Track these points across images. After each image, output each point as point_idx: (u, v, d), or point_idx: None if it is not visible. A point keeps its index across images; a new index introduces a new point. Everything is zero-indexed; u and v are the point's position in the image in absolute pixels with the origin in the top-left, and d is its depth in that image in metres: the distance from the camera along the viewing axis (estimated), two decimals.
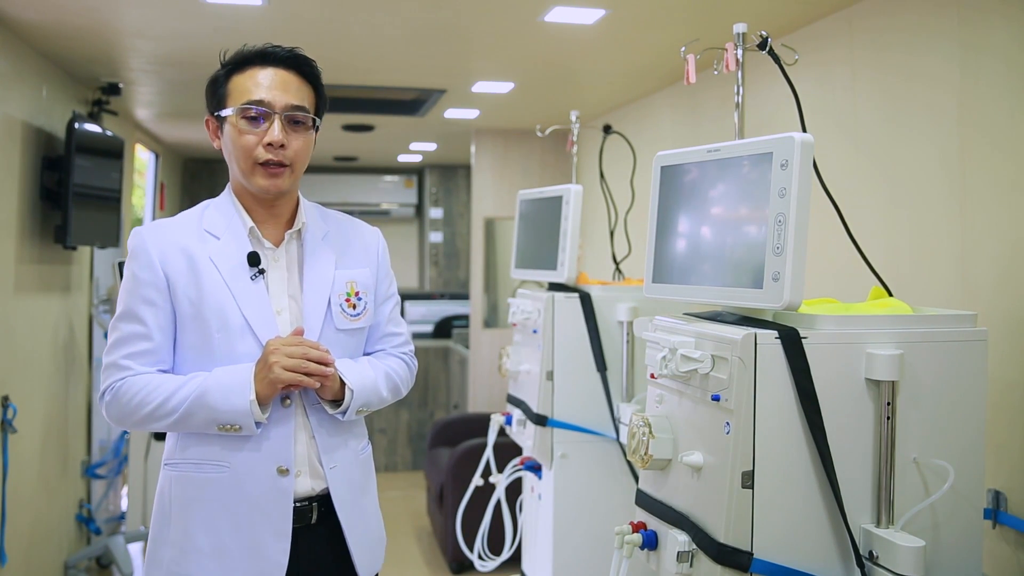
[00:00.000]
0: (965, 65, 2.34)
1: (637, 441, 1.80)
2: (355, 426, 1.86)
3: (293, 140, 1.74)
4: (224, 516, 1.70)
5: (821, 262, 2.70)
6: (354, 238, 1.90)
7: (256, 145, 1.72)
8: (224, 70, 1.78)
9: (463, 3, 2.96)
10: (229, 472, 1.70)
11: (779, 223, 1.56)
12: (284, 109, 1.73)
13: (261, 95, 1.72)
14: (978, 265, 2.29)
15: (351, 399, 1.75)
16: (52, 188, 3.65)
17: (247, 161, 1.73)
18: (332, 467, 1.77)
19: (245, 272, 1.74)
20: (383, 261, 1.94)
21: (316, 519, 1.76)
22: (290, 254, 1.81)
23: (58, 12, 3.07)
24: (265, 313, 1.73)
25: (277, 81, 1.74)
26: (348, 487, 1.80)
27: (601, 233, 4.34)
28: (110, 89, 4.27)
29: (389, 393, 1.87)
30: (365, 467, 1.89)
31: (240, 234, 1.77)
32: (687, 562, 1.66)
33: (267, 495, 1.70)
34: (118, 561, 4.02)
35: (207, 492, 1.71)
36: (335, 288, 1.81)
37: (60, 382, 3.96)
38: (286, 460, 1.71)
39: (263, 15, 3.11)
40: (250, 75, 1.74)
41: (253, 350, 1.71)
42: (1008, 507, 2.16)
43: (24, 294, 3.50)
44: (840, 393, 1.60)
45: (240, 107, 1.72)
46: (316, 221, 1.86)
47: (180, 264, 1.72)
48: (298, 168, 1.77)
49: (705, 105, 3.78)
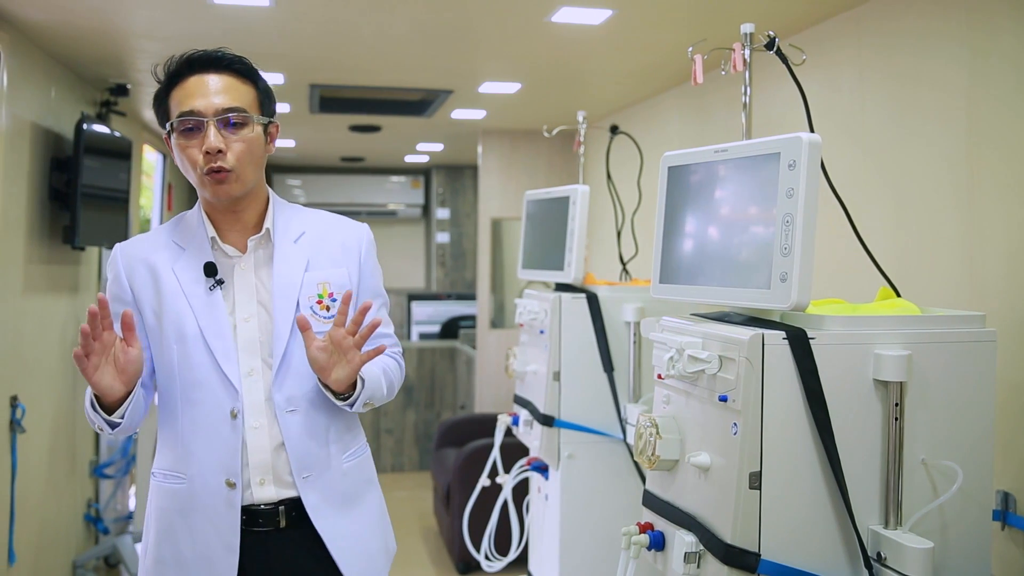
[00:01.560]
0: (973, 67, 2.34)
1: (644, 442, 1.80)
2: (341, 433, 1.82)
3: (233, 143, 1.69)
4: (183, 527, 1.73)
5: (829, 263, 2.69)
6: (333, 237, 1.85)
7: (197, 155, 1.69)
8: (163, 86, 1.75)
9: (470, 4, 2.96)
10: (186, 483, 1.73)
11: (787, 223, 1.56)
12: (216, 114, 1.68)
13: (191, 104, 1.68)
14: (986, 266, 2.28)
15: (361, 389, 1.71)
16: (60, 189, 3.66)
17: (194, 172, 1.70)
18: (305, 476, 1.74)
19: (204, 283, 1.74)
20: (367, 259, 1.87)
21: (287, 523, 1.74)
22: (259, 259, 1.78)
23: (66, 14, 3.09)
24: (221, 324, 1.72)
25: (206, 87, 1.70)
26: (326, 495, 1.76)
27: (608, 233, 4.34)
28: (118, 90, 4.28)
29: (387, 391, 1.83)
30: (353, 475, 1.83)
31: (203, 245, 1.76)
32: (694, 563, 1.66)
33: (216, 507, 1.70)
34: (126, 561, 4.03)
35: (171, 502, 1.74)
36: (304, 291, 1.76)
37: (68, 382, 3.97)
38: (233, 472, 1.70)
39: (271, 16, 3.11)
40: (182, 86, 1.71)
41: (207, 361, 1.71)
42: (1017, 508, 2.15)
43: (32, 294, 3.52)
44: (848, 394, 1.60)
45: (175, 121, 1.70)
46: (288, 223, 1.82)
47: (145, 278, 1.75)
48: (246, 171, 1.71)
49: (712, 105, 3.78)
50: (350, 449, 1.84)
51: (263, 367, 1.74)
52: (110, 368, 1.61)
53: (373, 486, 1.89)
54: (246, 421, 1.72)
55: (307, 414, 1.75)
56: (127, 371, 1.62)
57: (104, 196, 3.94)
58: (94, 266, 4.42)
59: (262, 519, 1.73)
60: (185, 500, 1.73)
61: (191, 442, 1.73)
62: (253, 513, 1.73)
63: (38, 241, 3.56)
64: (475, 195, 7.46)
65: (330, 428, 1.79)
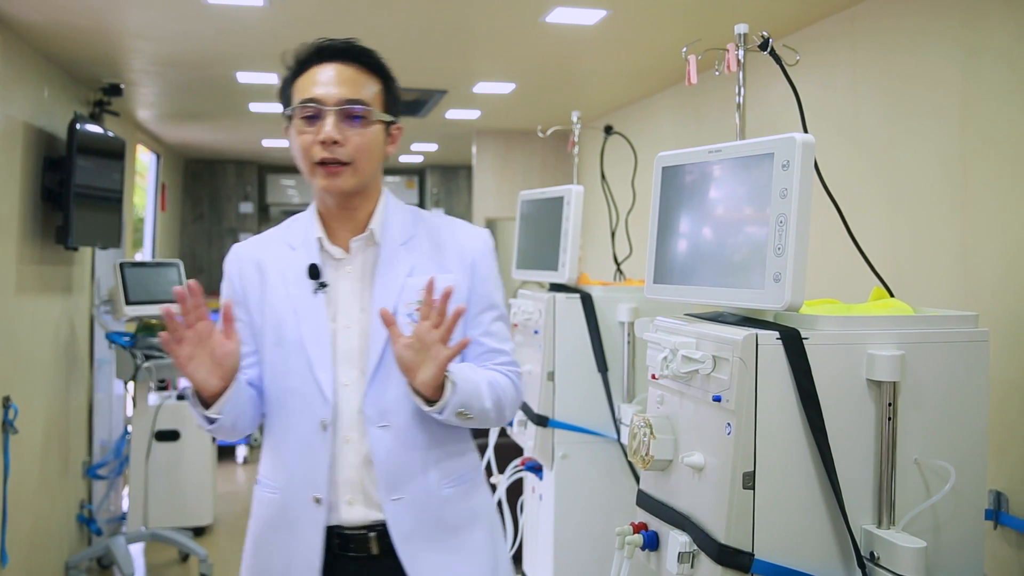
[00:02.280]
0: (967, 66, 2.34)
1: (638, 442, 1.80)
2: (444, 456, 1.68)
3: (351, 136, 1.63)
4: (272, 539, 1.68)
5: (822, 263, 2.70)
6: (446, 242, 1.73)
7: (312, 144, 1.63)
8: (289, 73, 1.70)
9: (464, 4, 2.96)
10: (278, 495, 1.67)
11: (780, 224, 1.56)
12: (337, 104, 1.62)
13: (312, 92, 1.64)
14: (979, 266, 2.29)
15: (451, 393, 1.57)
16: (53, 189, 3.65)
17: (306, 161, 1.65)
18: (396, 498, 1.62)
19: (309, 286, 1.67)
20: (482, 268, 1.74)
21: (379, 551, 1.63)
22: (365, 263, 1.70)
23: (60, 13, 3.08)
24: (319, 330, 1.64)
25: (332, 76, 1.64)
26: (419, 521, 1.63)
27: (602, 234, 4.34)
28: (111, 90, 4.27)
29: (492, 405, 1.64)
30: (455, 503, 1.68)
31: (311, 245, 1.70)
32: (688, 563, 1.66)
33: (302, 524, 1.63)
34: (119, 562, 4.02)
35: (265, 511, 1.70)
36: (403, 297, 1.66)
37: (61, 383, 3.96)
38: (319, 488, 1.62)
39: (264, 16, 3.11)
40: (308, 74, 1.66)
41: (303, 368, 1.64)
42: (1010, 508, 2.15)
43: (25, 295, 3.51)
44: (841, 394, 1.60)
45: (296, 107, 1.65)
46: (399, 225, 1.73)
47: (254, 278, 1.71)
48: (362, 166, 1.64)
49: (706, 106, 3.78)
50: (455, 475, 1.70)
51: (359, 377, 1.65)
52: (206, 360, 1.55)
53: (481, 521, 1.73)
54: (337, 434, 1.63)
55: (402, 430, 1.64)
56: (223, 364, 1.56)
57: (97, 196, 3.93)
58: (87, 266, 4.41)
59: (353, 544, 1.63)
60: (276, 512, 1.67)
61: (284, 452, 1.67)
62: (344, 537, 1.64)
63: (31, 241, 3.55)
64: (469, 195, 7.46)
65: (430, 449, 1.66)
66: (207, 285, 8.12)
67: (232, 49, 3.63)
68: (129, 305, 4.29)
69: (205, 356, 1.55)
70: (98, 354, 4.58)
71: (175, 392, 5.26)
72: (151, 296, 4.40)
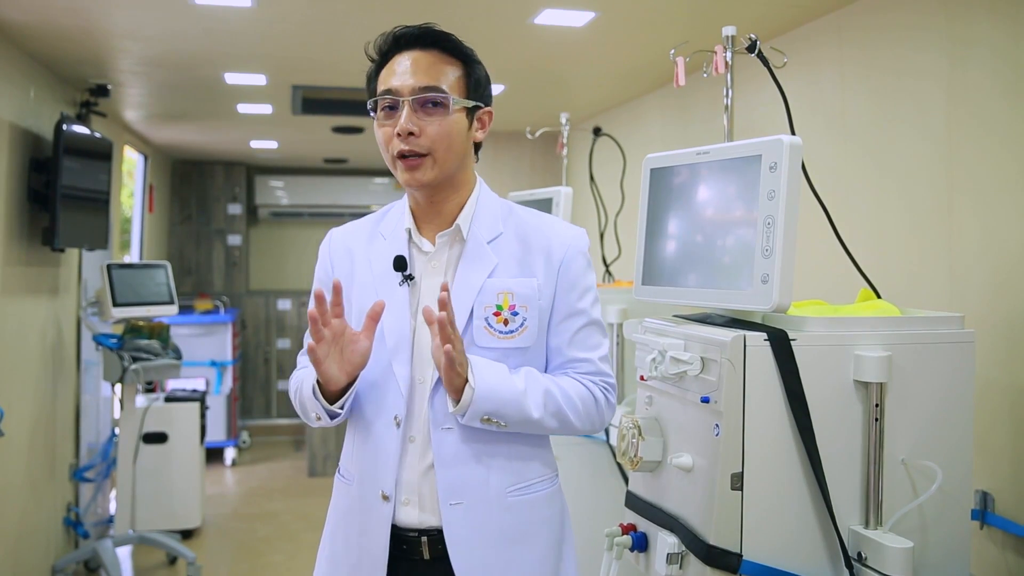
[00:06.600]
0: (953, 62, 2.36)
1: (627, 443, 1.80)
2: (511, 460, 1.60)
3: (427, 125, 1.56)
4: (345, 530, 1.66)
5: (810, 264, 2.71)
6: (536, 242, 1.64)
7: (391, 137, 1.58)
8: (373, 65, 1.66)
9: (452, 5, 2.96)
10: (353, 486, 1.65)
11: (768, 225, 1.56)
12: (411, 93, 1.56)
13: (388, 83, 1.59)
14: (966, 267, 2.30)
15: (469, 399, 1.51)
16: (40, 190, 3.63)
17: (387, 155, 1.60)
18: (455, 503, 1.56)
19: (396, 277, 1.63)
20: (569, 272, 1.64)
21: (430, 556, 1.58)
22: (451, 258, 1.63)
23: (46, 13, 3.06)
24: (401, 323, 1.60)
25: (408, 65, 1.59)
26: (475, 530, 1.57)
27: (591, 235, 4.35)
28: (99, 91, 4.25)
29: (544, 413, 1.56)
30: (520, 512, 1.60)
31: (401, 236, 1.65)
32: (677, 564, 1.66)
33: (370, 518, 1.60)
34: (106, 565, 3.99)
35: (341, 501, 1.69)
36: (481, 299, 1.58)
37: (48, 385, 3.93)
38: (387, 484, 1.58)
39: (252, 16, 3.10)
40: (389, 65, 1.62)
41: (383, 361, 1.60)
42: (996, 508, 2.17)
43: (12, 296, 3.48)
44: (829, 395, 1.61)
45: (374, 100, 1.61)
46: (488, 221, 1.65)
47: (345, 265, 1.69)
48: (441, 156, 1.57)
49: (694, 107, 3.79)
50: (522, 483, 1.62)
51: (434, 376, 1.59)
52: (337, 356, 1.54)
53: (547, 533, 1.64)
54: (406, 432, 1.60)
55: (466, 433, 1.57)
56: (352, 362, 1.54)
57: (84, 197, 3.91)
58: (74, 268, 4.38)
59: (405, 546, 1.59)
60: (350, 503, 1.65)
61: (361, 444, 1.64)
62: (396, 537, 1.59)
63: (17, 243, 3.53)
64: None
65: (496, 454, 1.59)
66: (195, 286, 8.01)
67: (219, 50, 3.62)
68: (116, 307, 4.27)
69: (336, 353, 1.54)
70: (85, 356, 4.55)
71: (162, 394, 5.23)
72: (139, 298, 4.38)
